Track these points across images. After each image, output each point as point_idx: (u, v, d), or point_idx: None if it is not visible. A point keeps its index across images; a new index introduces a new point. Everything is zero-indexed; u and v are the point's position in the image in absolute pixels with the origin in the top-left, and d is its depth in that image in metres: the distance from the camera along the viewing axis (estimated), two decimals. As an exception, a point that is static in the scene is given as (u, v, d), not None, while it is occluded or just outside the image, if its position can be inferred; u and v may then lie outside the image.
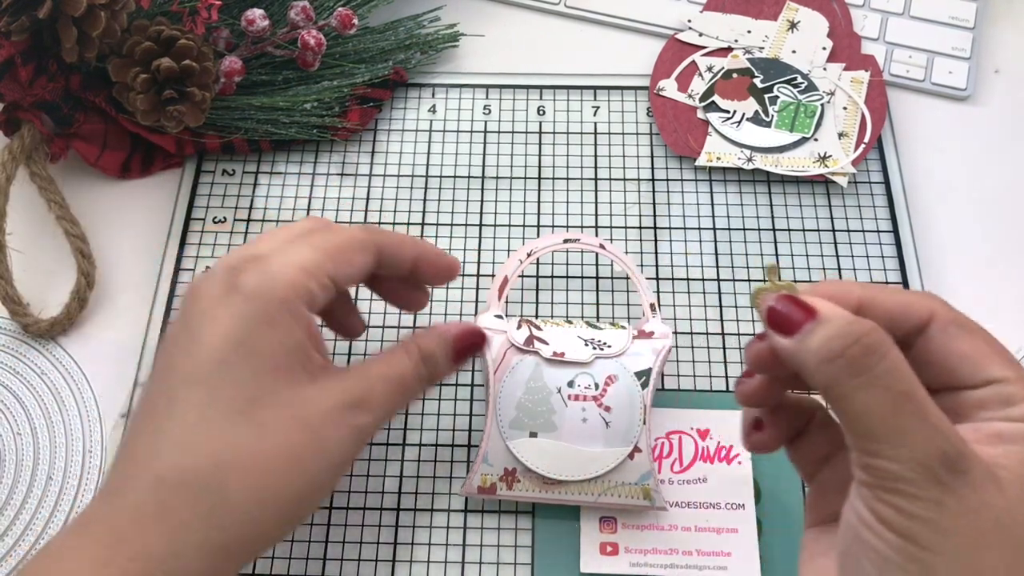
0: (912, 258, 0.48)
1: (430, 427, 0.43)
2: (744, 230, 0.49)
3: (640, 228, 0.49)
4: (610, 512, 0.40)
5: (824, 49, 0.53)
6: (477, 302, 0.47)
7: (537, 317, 0.44)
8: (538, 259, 0.47)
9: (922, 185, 0.50)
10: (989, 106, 0.53)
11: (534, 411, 0.39)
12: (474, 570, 0.40)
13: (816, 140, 0.50)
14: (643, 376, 0.40)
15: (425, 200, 0.50)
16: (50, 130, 0.47)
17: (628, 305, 0.46)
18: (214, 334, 0.30)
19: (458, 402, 0.44)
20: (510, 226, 0.49)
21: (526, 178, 0.50)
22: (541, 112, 0.53)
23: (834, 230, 0.49)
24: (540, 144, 0.51)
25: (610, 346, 0.40)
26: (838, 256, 0.48)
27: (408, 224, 0.49)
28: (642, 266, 0.47)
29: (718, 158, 0.50)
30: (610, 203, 0.49)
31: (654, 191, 0.50)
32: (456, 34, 0.55)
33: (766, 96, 0.52)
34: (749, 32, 0.54)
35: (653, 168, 0.51)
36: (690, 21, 0.54)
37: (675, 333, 0.45)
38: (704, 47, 0.53)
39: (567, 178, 0.50)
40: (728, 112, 0.51)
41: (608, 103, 0.53)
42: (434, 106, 0.53)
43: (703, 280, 0.47)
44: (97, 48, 0.44)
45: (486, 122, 0.52)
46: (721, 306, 0.46)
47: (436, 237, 0.49)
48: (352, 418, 0.32)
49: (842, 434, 0.30)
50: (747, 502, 0.41)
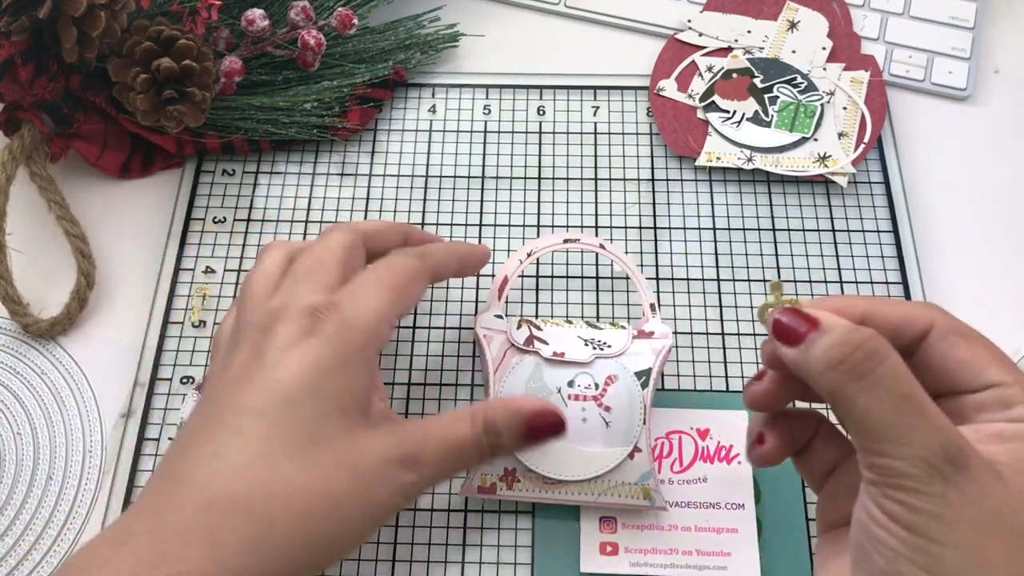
0: (912, 258, 0.48)
1: (430, 427, 0.43)
2: (744, 230, 0.49)
3: (640, 228, 0.49)
4: (610, 512, 0.40)
5: (824, 49, 0.53)
6: (477, 302, 0.47)
7: (537, 317, 0.44)
8: (538, 259, 0.47)
9: (922, 185, 0.50)
10: (989, 106, 0.53)
11: (534, 411, 0.39)
12: (474, 570, 0.40)
13: (816, 140, 0.50)
14: (643, 376, 0.40)
15: (425, 200, 0.50)
16: (50, 130, 0.47)
17: (628, 305, 0.46)
18: (289, 372, 0.31)
19: (458, 402, 0.44)
20: (510, 226, 0.49)
21: (526, 178, 0.50)
22: (541, 112, 0.53)
23: (834, 230, 0.49)
24: (540, 144, 0.51)
25: (610, 346, 0.41)
26: (838, 256, 0.48)
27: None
28: (642, 266, 0.47)
29: (718, 158, 0.50)
30: (610, 203, 0.49)
31: (654, 191, 0.50)
32: (456, 34, 0.55)
33: (766, 96, 0.52)
34: (749, 32, 0.54)
35: (653, 168, 0.51)
36: (690, 21, 0.54)
37: (675, 333, 0.45)
38: (704, 47, 0.53)
39: (567, 178, 0.50)
40: (728, 112, 0.51)
41: (608, 103, 0.53)
42: (434, 106, 0.53)
43: (703, 280, 0.47)
44: (97, 48, 0.44)
45: (486, 122, 0.52)
46: (721, 306, 0.46)
47: (436, 237, 0.49)
48: (398, 474, 0.32)
49: (846, 444, 0.31)
50: (747, 502, 0.41)
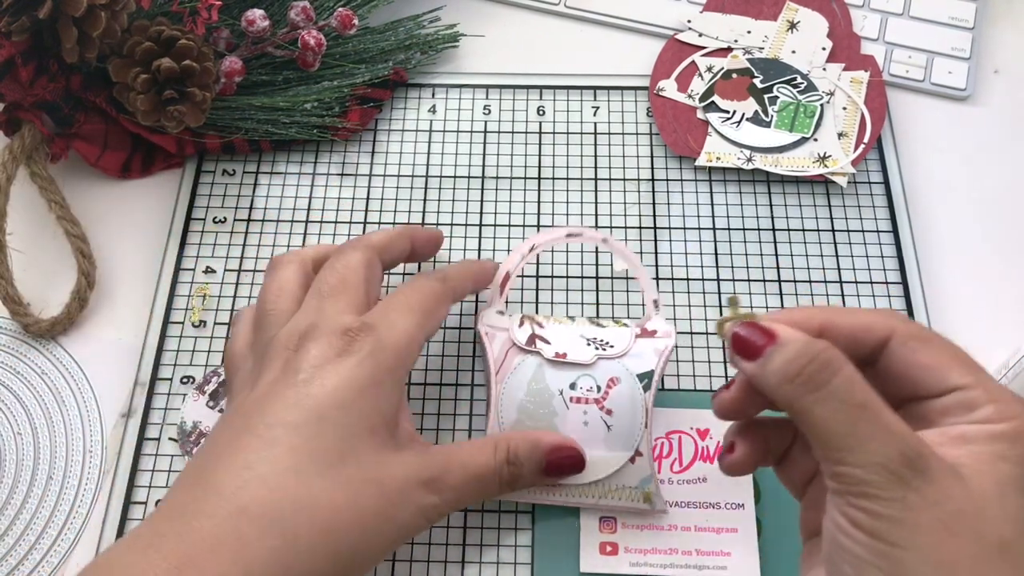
0: (912, 258, 0.48)
1: (430, 427, 0.43)
2: (744, 230, 0.49)
3: (640, 228, 0.49)
4: (610, 513, 0.40)
5: (824, 49, 0.53)
6: (477, 300, 0.47)
7: (538, 314, 0.44)
8: (539, 257, 0.47)
9: (922, 185, 0.50)
10: (989, 106, 0.54)
11: (535, 413, 0.39)
12: (474, 570, 0.40)
13: (816, 140, 0.50)
14: (645, 378, 0.40)
15: (425, 200, 0.50)
16: (51, 130, 0.47)
17: (628, 305, 0.46)
18: (323, 389, 0.32)
19: (458, 402, 0.44)
20: (510, 226, 0.49)
21: (526, 178, 0.50)
22: (541, 112, 0.53)
23: (834, 230, 0.49)
24: (540, 144, 0.51)
25: (612, 346, 0.40)
26: (838, 256, 0.48)
27: (408, 225, 0.49)
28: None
29: (718, 158, 0.50)
30: (610, 203, 0.49)
31: (654, 191, 0.50)
32: (456, 34, 0.55)
33: (766, 96, 0.52)
34: (749, 32, 0.54)
35: (653, 168, 0.51)
36: (690, 21, 0.54)
37: (676, 333, 0.45)
38: (704, 47, 0.53)
39: (567, 178, 0.50)
40: (728, 112, 0.51)
41: (608, 103, 0.53)
42: (434, 106, 0.53)
43: (703, 280, 0.47)
44: (97, 48, 0.44)
45: (486, 122, 0.52)
46: (721, 306, 0.46)
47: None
48: (420, 496, 0.33)
49: None
50: (747, 502, 0.41)
